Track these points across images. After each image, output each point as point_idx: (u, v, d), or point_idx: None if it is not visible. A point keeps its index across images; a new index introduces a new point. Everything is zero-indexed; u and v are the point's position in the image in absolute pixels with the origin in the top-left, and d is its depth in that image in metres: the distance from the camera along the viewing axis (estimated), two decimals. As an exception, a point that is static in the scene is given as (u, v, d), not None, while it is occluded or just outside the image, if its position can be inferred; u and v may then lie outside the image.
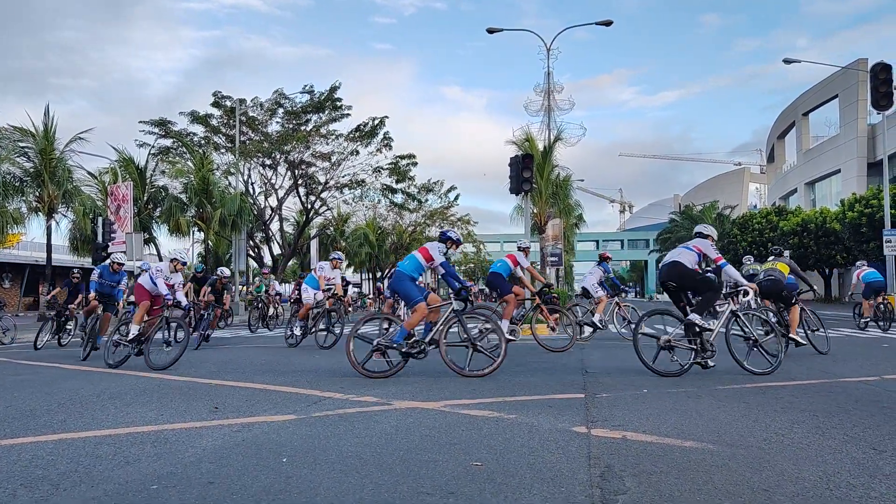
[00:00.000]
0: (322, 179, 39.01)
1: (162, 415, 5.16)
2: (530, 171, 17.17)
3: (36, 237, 40.19)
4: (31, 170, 27.27)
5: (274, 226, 41.50)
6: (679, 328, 7.50)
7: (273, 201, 40.05)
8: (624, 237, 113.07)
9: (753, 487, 3.09)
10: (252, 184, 38.86)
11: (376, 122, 37.64)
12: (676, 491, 3.04)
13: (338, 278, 12.59)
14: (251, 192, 38.48)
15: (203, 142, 37.04)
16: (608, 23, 31.34)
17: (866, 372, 7.46)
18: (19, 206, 27.81)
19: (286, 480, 3.28)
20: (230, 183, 35.29)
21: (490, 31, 30.33)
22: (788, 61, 28.64)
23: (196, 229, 35.22)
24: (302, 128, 36.87)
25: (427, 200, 46.34)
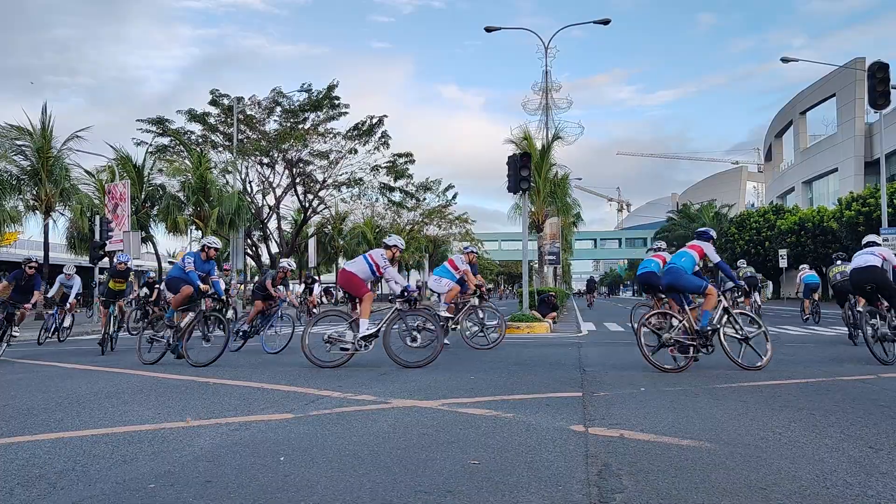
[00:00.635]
0: (320, 178, 39.01)
1: (159, 413, 5.16)
2: (528, 170, 17.14)
3: (33, 236, 40.13)
4: (29, 168, 27.19)
5: (272, 224, 41.51)
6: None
7: (271, 200, 40.05)
8: (622, 236, 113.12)
9: (751, 486, 3.09)
10: (250, 182, 38.86)
11: (374, 121, 37.64)
12: (674, 489, 3.04)
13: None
14: (249, 191, 38.46)
15: (201, 140, 37.00)
16: (606, 21, 31.34)
17: (863, 371, 7.48)
18: (16, 205, 27.77)
19: (284, 479, 3.28)
20: (228, 181, 35.25)
21: (488, 30, 30.33)
22: (786, 60, 28.65)
23: (193, 228, 35.15)
24: (300, 126, 36.85)
25: (425, 199, 46.37)
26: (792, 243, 40.46)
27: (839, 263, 11.87)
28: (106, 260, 24.72)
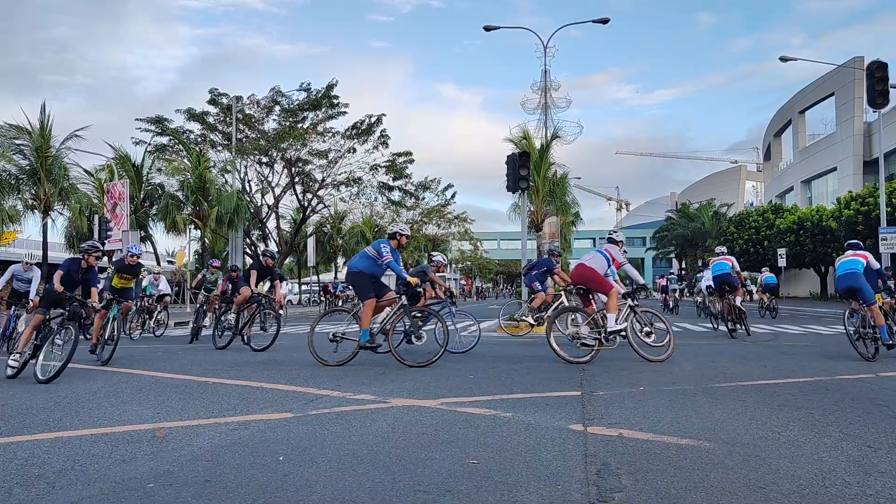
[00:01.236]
0: (319, 177, 38.96)
1: (158, 413, 5.16)
2: (527, 169, 17.15)
3: (32, 235, 40.06)
4: (27, 167, 27.18)
5: (271, 223, 41.46)
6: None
7: (270, 199, 40.00)
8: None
9: (750, 485, 3.10)
10: (249, 181, 38.82)
11: (373, 120, 37.58)
12: (673, 489, 3.05)
13: None
14: (248, 190, 38.42)
15: (199, 139, 36.96)
16: (605, 20, 31.29)
17: (862, 370, 7.48)
18: (15, 204, 27.76)
19: (283, 479, 3.28)
20: (227, 181, 35.23)
21: (487, 29, 30.28)
22: (785, 59, 28.65)
23: (192, 227, 35.15)
24: (299, 125, 36.80)
25: (424, 198, 46.34)
26: (791, 242, 40.49)
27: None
28: (106, 259, 24.68)
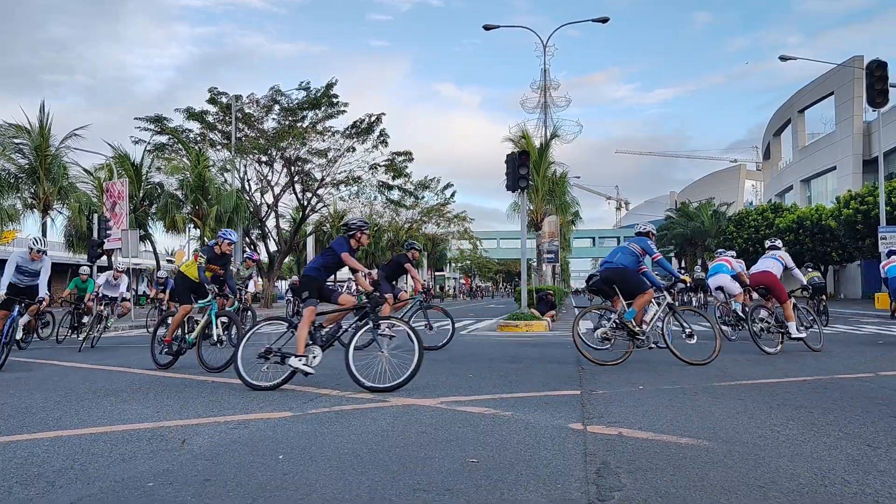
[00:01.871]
0: (318, 176, 38.85)
1: (158, 412, 5.15)
2: (527, 168, 17.14)
3: (31, 234, 40.06)
4: (27, 166, 27.18)
5: (270, 223, 41.34)
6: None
7: (269, 198, 39.89)
8: (620, 234, 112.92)
9: (749, 484, 3.10)
10: (248, 180, 38.72)
11: (373, 119, 37.52)
12: (672, 487, 3.05)
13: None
14: (247, 189, 38.34)
15: (199, 138, 36.87)
16: (604, 20, 31.33)
17: (862, 369, 7.49)
18: (14, 203, 27.76)
19: (282, 477, 3.28)
20: (226, 180, 35.19)
21: (486, 28, 30.31)
22: (784, 58, 28.65)
23: (192, 226, 35.12)
24: (298, 124, 36.72)
25: (423, 197, 46.30)
26: (790, 241, 40.45)
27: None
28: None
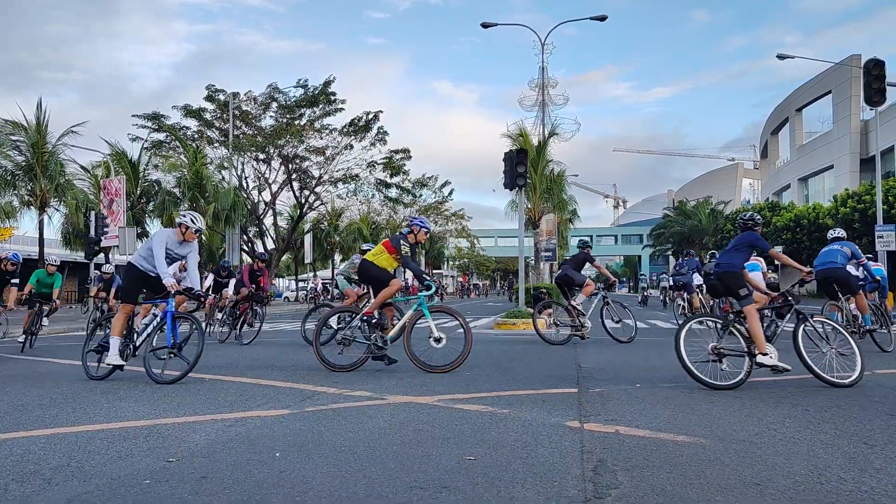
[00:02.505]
0: (316, 174, 38.85)
1: (155, 409, 5.15)
2: (524, 166, 17.15)
3: (28, 231, 39.98)
4: (24, 163, 27.14)
5: (268, 220, 41.37)
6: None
7: (267, 196, 39.91)
8: (618, 232, 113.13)
9: (745, 482, 3.10)
10: (246, 178, 38.71)
11: (370, 117, 37.49)
12: (669, 485, 3.05)
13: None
14: (245, 187, 38.32)
15: (196, 136, 36.84)
16: (603, 18, 31.33)
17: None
18: (11, 200, 27.72)
19: (279, 475, 3.28)
20: (224, 177, 35.18)
21: (485, 26, 30.28)
22: (782, 57, 28.63)
23: (190, 224, 35.03)
24: (296, 122, 36.69)
25: (421, 195, 46.27)
26: (787, 240, 40.54)
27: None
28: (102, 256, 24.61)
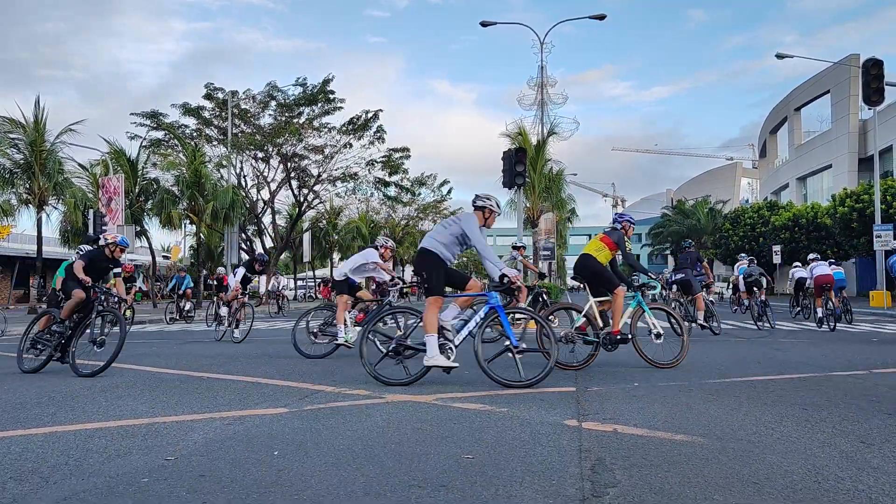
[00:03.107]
0: (315, 172, 38.85)
1: (153, 408, 5.15)
2: (523, 165, 17.17)
3: (26, 229, 40.00)
4: (22, 161, 27.08)
5: (266, 219, 41.39)
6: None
7: (265, 194, 39.93)
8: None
9: (743, 480, 3.11)
10: (244, 177, 38.72)
11: (369, 115, 37.47)
12: (667, 484, 3.06)
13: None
14: (243, 185, 38.32)
15: (195, 134, 36.82)
16: (601, 17, 31.34)
17: (856, 366, 7.51)
18: (9, 198, 27.68)
19: (277, 473, 3.28)
20: (222, 176, 35.14)
21: (484, 25, 30.26)
22: (781, 56, 28.65)
23: (188, 222, 35.08)
24: (294, 120, 36.67)
25: (420, 194, 46.29)
26: (786, 239, 40.58)
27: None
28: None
